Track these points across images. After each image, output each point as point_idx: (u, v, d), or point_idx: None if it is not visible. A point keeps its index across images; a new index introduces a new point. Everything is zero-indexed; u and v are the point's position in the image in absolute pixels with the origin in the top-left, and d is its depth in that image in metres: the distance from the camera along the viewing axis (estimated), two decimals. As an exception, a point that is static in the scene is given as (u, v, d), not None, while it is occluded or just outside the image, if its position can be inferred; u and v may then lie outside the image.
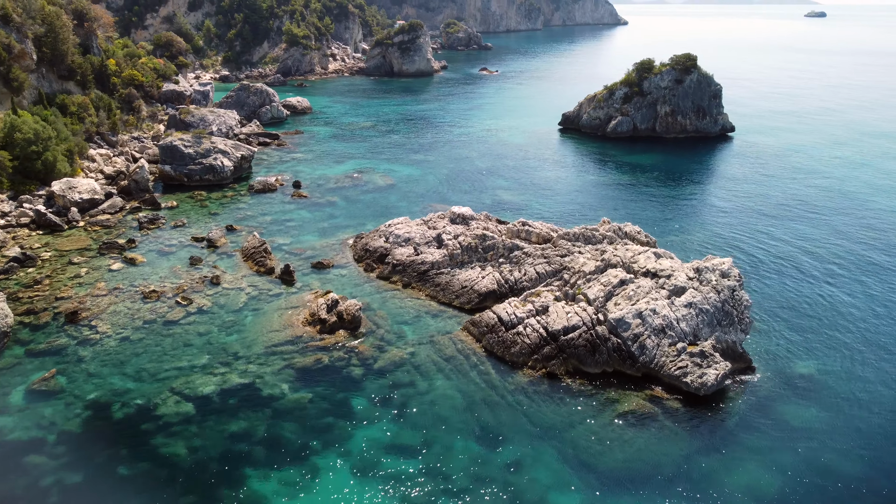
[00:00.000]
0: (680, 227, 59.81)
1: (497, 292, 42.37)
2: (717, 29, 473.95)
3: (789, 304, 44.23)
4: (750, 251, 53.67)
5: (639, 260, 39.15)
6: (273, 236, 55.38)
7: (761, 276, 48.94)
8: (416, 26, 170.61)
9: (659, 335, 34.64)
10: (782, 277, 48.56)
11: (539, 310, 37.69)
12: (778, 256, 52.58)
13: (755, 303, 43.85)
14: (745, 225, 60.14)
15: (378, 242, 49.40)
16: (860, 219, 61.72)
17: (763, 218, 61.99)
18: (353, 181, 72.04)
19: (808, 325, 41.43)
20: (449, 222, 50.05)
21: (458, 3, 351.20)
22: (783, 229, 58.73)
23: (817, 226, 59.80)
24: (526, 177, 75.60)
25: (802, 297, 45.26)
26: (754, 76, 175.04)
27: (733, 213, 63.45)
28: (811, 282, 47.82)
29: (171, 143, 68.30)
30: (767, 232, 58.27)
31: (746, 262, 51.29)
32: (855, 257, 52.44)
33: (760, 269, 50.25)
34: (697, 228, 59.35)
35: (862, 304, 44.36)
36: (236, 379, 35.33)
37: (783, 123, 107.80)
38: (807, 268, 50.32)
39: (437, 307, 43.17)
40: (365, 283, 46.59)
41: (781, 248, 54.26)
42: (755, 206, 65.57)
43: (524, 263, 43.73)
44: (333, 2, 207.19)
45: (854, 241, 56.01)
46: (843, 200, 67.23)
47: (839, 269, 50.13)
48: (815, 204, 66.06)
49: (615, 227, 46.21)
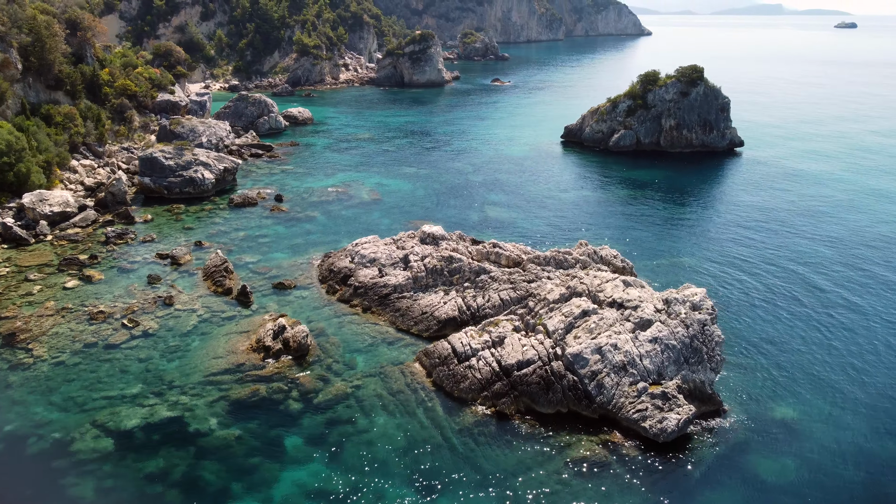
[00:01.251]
0: (671, 249, 56.60)
1: (458, 319, 39.70)
2: (743, 40, 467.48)
3: (778, 339, 40.90)
4: (742, 278, 50.32)
5: (605, 288, 36.21)
6: (242, 253, 53.34)
7: (752, 305, 45.64)
8: (428, 36, 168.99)
9: (619, 373, 31.67)
10: (775, 308, 45.16)
11: (495, 341, 34.94)
12: (772, 285, 49.14)
13: (739, 335, 40.74)
14: (741, 248, 56.73)
15: (343, 262, 47.02)
16: (868, 248, 57.56)
17: (761, 241, 58.48)
18: (338, 195, 69.89)
19: (794, 363, 38.08)
20: (419, 242, 47.50)
21: (479, 13, 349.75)
22: (782, 255, 55.15)
23: (820, 252, 55.87)
24: (519, 192, 72.83)
25: (795, 332, 41.86)
26: (773, 88, 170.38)
27: (730, 236, 60.03)
28: (806, 314, 44.37)
29: (151, 155, 66.79)
30: (764, 257, 54.80)
31: (737, 289, 48.02)
32: (859, 291, 48.58)
33: (752, 297, 46.90)
34: (689, 252, 56.07)
35: (860, 343, 40.79)
36: (164, 412, 33.03)
37: (798, 138, 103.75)
38: (804, 299, 46.81)
39: (395, 334, 40.59)
40: (324, 307, 44.18)
41: (778, 276, 50.78)
42: (754, 228, 62.08)
43: (489, 289, 41.01)
44: (348, 12, 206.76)
45: (859, 272, 51.92)
46: (851, 225, 63.11)
47: (841, 302, 46.48)
48: (820, 228, 62.11)
49: (590, 250, 43.31)
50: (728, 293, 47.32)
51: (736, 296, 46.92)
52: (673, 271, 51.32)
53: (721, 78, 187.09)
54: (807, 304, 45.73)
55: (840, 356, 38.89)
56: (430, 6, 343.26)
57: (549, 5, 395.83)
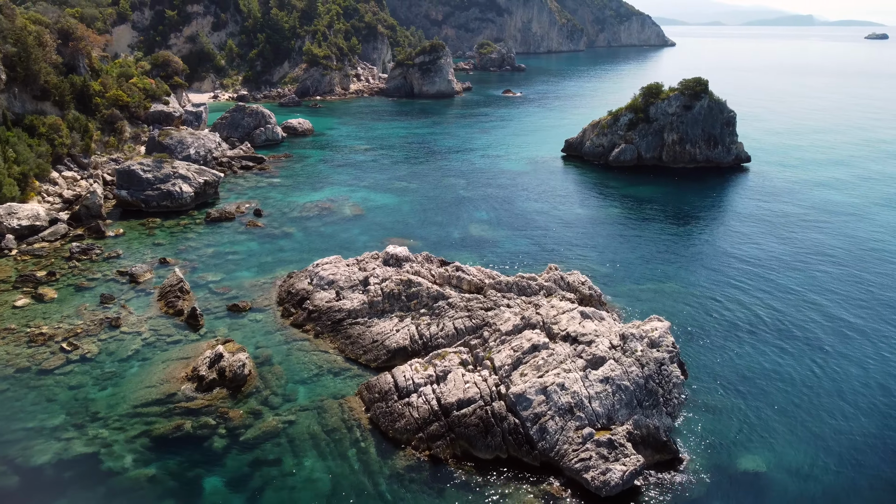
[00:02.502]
0: (659, 273, 53.52)
1: (409, 349, 37.21)
2: (769, 51, 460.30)
3: (760, 377, 37.72)
4: (730, 306, 47.11)
5: (561, 320, 33.48)
6: (206, 271, 51.43)
7: (737, 337, 42.47)
8: (438, 47, 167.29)
9: (565, 416, 28.91)
10: (762, 342, 41.94)
11: (439, 376, 32.39)
12: (763, 315, 45.83)
13: (716, 372, 37.72)
14: (735, 274, 53.45)
15: (302, 284, 44.83)
16: (880, 285, 53.50)
17: (759, 267, 55.04)
18: (321, 210, 67.87)
19: (773, 406, 34.90)
20: (381, 264, 45.13)
21: (499, 24, 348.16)
22: (780, 283, 51.62)
23: (818, 281, 51.94)
24: (508, 209, 70.20)
25: (781, 370, 38.61)
26: (790, 100, 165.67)
27: (725, 260, 56.74)
28: (798, 350, 41.03)
29: (128, 168, 65.43)
30: (760, 284, 51.47)
31: (722, 319, 44.87)
32: (861, 328, 44.96)
33: (738, 328, 43.70)
34: (678, 276, 52.94)
35: (853, 385, 37.37)
36: (80, 447, 30.96)
37: (811, 153, 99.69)
38: (797, 332, 43.42)
39: (343, 363, 38.20)
40: (276, 331, 41.97)
41: (771, 306, 47.41)
42: (752, 252, 58.66)
43: (445, 316, 38.48)
44: (362, 22, 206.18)
45: (865, 310, 47.77)
46: (856, 249, 59.19)
47: (838, 339, 43.02)
48: (822, 252, 58.19)
49: (557, 276, 40.58)
50: (711, 323, 44.22)
51: (720, 327, 43.79)
52: (656, 297, 48.31)
53: (736, 89, 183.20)
54: (799, 339, 42.42)
55: (827, 400, 35.60)
56: (449, 17, 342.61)
57: (571, 16, 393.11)
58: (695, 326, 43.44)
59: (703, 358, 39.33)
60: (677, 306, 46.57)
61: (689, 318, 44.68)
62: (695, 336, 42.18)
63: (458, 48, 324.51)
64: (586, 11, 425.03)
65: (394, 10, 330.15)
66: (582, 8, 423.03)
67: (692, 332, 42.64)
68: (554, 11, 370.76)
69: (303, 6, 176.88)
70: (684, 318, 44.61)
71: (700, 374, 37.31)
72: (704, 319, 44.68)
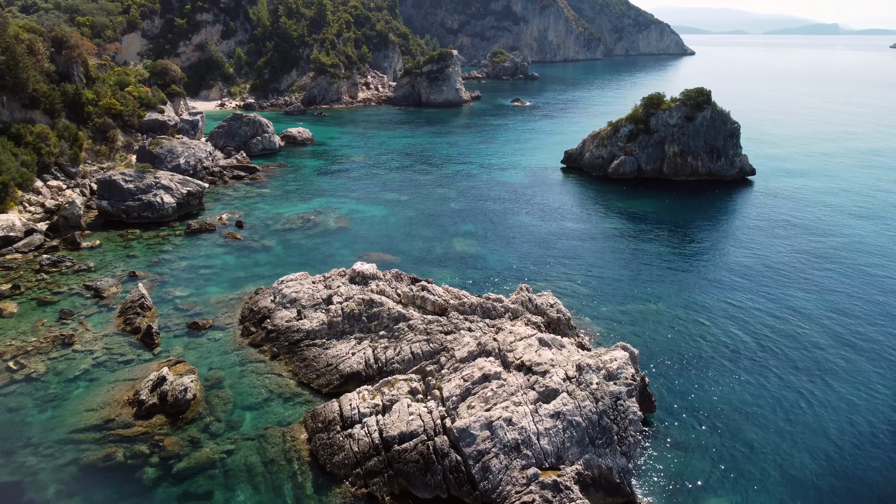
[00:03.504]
0: (647, 293, 51.17)
1: (362, 374, 35.34)
2: (790, 60, 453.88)
3: (739, 412, 35.31)
4: (716, 332, 44.69)
5: (517, 348, 31.42)
6: (175, 286, 49.99)
7: (720, 366, 40.07)
8: (446, 55, 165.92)
9: (510, 454, 26.83)
10: (747, 372, 39.51)
11: (385, 405, 30.46)
12: (753, 342, 43.39)
13: (690, 404, 35.44)
14: (729, 296, 50.94)
15: (265, 301, 43.18)
16: (877, 306, 50.65)
17: (751, 290, 52.43)
18: (305, 222, 66.35)
19: (750, 445, 32.49)
20: (347, 281, 43.34)
21: (515, 32, 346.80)
22: (771, 309, 48.96)
23: (818, 311, 48.72)
24: (498, 222, 68.16)
25: (763, 403, 36.19)
26: (804, 110, 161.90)
27: (720, 280, 54.24)
28: (788, 382, 38.59)
29: (109, 178, 64.45)
30: (754, 307, 48.94)
31: (705, 345, 42.48)
32: (866, 358, 42.33)
33: (721, 356, 41.28)
34: (666, 297, 50.54)
35: (855, 424, 34.76)
36: (5, 475, 29.44)
37: (821, 165, 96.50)
38: (782, 364, 40.88)
39: (295, 388, 36.39)
40: (233, 352, 40.29)
41: (763, 332, 44.91)
42: (749, 272, 56.07)
43: (403, 339, 36.55)
44: (374, 31, 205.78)
45: (870, 340, 45.01)
46: (862, 277, 55.83)
47: (839, 370, 40.49)
48: (825, 278, 55.25)
49: (525, 297, 38.50)
50: (692, 350, 41.84)
51: (702, 354, 41.38)
52: (637, 320, 45.99)
53: (751, 99, 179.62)
54: (788, 370, 39.91)
55: (810, 439, 33.08)
56: (465, 25, 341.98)
57: (588, 25, 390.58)
58: (673, 353, 41.10)
59: (678, 388, 37.01)
60: (658, 330, 44.24)
61: (668, 344, 42.35)
62: (671, 364, 39.85)
63: (473, 56, 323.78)
64: (604, 20, 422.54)
65: (409, 18, 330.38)
66: (600, 17, 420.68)
67: (669, 360, 40.31)
68: (571, 20, 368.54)
69: (312, 15, 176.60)
70: (663, 344, 42.29)
71: (672, 407, 35.03)
72: (686, 345, 42.31)
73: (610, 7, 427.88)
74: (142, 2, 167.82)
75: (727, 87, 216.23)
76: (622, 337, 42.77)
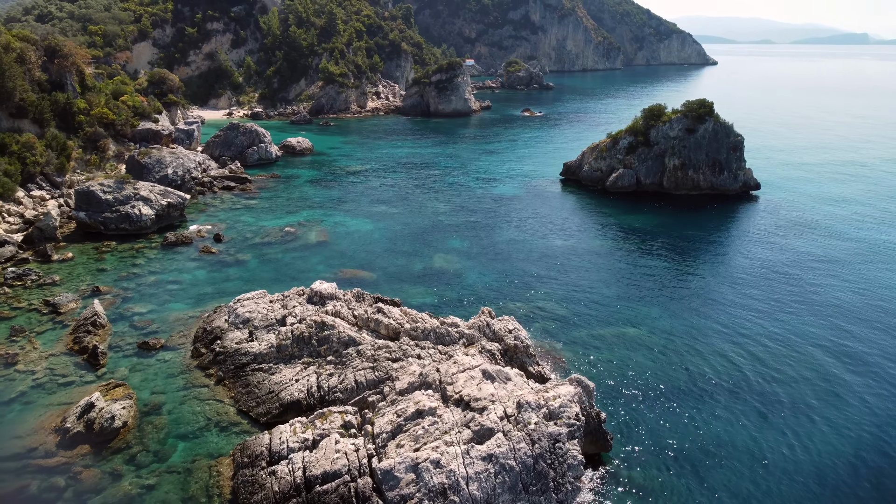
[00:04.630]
0: (629, 315, 48.62)
1: (303, 403, 33.32)
2: (815, 70, 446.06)
3: (705, 451, 32.74)
4: (697, 361, 42.05)
5: (458, 380, 29.18)
6: (137, 302, 48.47)
7: (696, 400, 37.52)
8: (455, 65, 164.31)
9: (435, 500, 24.58)
10: (716, 406, 36.91)
11: (315, 440, 28.39)
12: (730, 374, 40.71)
13: (659, 441, 32.85)
14: (716, 321, 48.19)
15: (219, 321, 41.43)
16: (870, 340, 47.65)
17: (742, 315, 49.51)
18: (286, 236, 64.70)
19: (714, 488, 29.88)
20: (305, 301, 41.43)
21: (532, 41, 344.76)
22: (762, 336, 46.03)
23: (816, 338, 45.87)
24: (486, 238, 65.93)
25: (735, 443, 33.56)
26: (818, 122, 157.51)
27: (711, 303, 51.47)
28: (758, 420, 35.92)
29: (87, 189, 63.38)
30: (738, 335, 46.18)
31: (682, 374, 39.82)
32: (844, 394, 39.57)
33: (698, 388, 38.69)
34: (648, 320, 47.95)
35: (819, 467, 32.14)
36: None
37: (831, 180, 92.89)
38: (764, 398, 38.19)
39: (234, 416, 34.46)
40: (179, 375, 38.50)
41: (741, 363, 42.20)
42: (742, 294, 53.21)
43: (349, 366, 34.48)
44: (386, 40, 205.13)
45: (872, 376, 42.28)
46: (868, 304, 52.47)
47: (809, 411, 37.78)
48: (827, 304, 51.87)
49: (483, 322, 36.26)
50: (668, 380, 39.24)
51: (678, 384, 38.78)
52: (612, 346, 43.47)
53: (761, 110, 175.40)
54: (771, 404, 37.19)
55: (793, 488, 30.33)
56: (482, 35, 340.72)
57: (608, 34, 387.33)
58: (645, 383, 38.53)
59: (644, 424, 34.47)
60: (633, 357, 41.69)
61: (641, 373, 39.78)
62: (641, 396, 37.30)
63: (490, 66, 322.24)
64: (625, 30, 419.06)
65: (427, 28, 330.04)
66: (620, 26, 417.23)
67: (639, 391, 37.76)
68: (590, 29, 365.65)
69: (322, 24, 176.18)
70: (636, 373, 39.73)
71: (633, 445, 32.51)
72: (662, 375, 39.69)
73: (631, 16, 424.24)
74: (153, 11, 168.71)
75: (742, 97, 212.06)
76: (591, 365, 40.39)
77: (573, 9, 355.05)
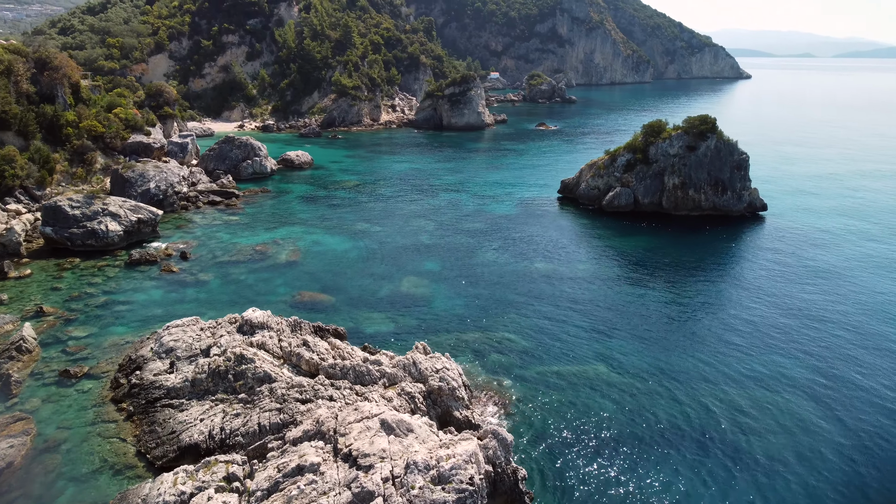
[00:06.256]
0: (600, 351, 45.03)
1: (202, 447, 30.50)
2: (853, 85, 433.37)
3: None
4: (658, 406, 38.32)
5: (352, 431, 26.05)
6: (81, 324, 46.44)
7: (645, 456, 33.81)
8: (469, 78, 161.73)
9: (297, 577, 21.44)
10: (676, 463, 33.16)
11: (191, 494, 25.49)
12: (697, 425, 36.87)
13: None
14: (689, 361, 44.29)
15: (145, 349, 38.94)
16: (868, 389, 43.41)
17: (722, 351, 45.57)
18: (255, 254, 62.40)
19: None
20: (235, 330, 38.74)
21: (559, 54, 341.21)
22: (739, 377, 42.05)
23: (800, 382, 42.21)
24: (465, 259, 62.74)
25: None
26: (848, 142, 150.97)
27: (689, 338, 47.51)
28: (726, 478, 32.12)
29: (55, 203, 61.94)
30: (712, 375, 42.26)
31: (633, 426, 36.07)
32: (822, 451, 35.53)
33: (643, 444, 34.96)
34: (614, 356, 44.24)
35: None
36: None
37: (844, 207, 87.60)
38: (732, 453, 34.37)
39: (132, 458, 31.79)
40: (92, 408, 36.06)
41: (710, 411, 38.30)
42: (730, 329, 49.08)
43: (258, 406, 31.59)
44: (405, 53, 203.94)
45: (838, 423, 38.37)
46: (870, 352, 47.88)
47: (784, 468, 33.81)
48: (822, 341, 47.56)
49: (409, 361, 33.10)
50: (624, 428, 35.58)
51: (640, 434, 35.06)
52: (568, 385, 39.89)
53: (787, 126, 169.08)
54: (745, 459, 33.27)
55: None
56: (509, 48, 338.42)
57: (638, 47, 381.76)
58: (599, 432, 34.88)
59: (583, 481, 30.91)
60: (594, 400, 38.07)
61: (594, 419, 36.15)
62: (585, 447, 33.69)
63: (516, 79, 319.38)
64: (656, 42, 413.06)
65: (453, 40, 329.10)
66: (651, 39, 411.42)
67: (586, 441, 34.16)
68: (618, 42, 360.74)
69: (337, 36, 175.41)
70: (593, 419, 36.14)
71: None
72: (622, 422, 35.99)
73: (662, 29, 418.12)
74: (171, 24, 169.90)
75: (768, 113, 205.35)
76: (540, 408, 36.93)
77: (601, 22, 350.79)
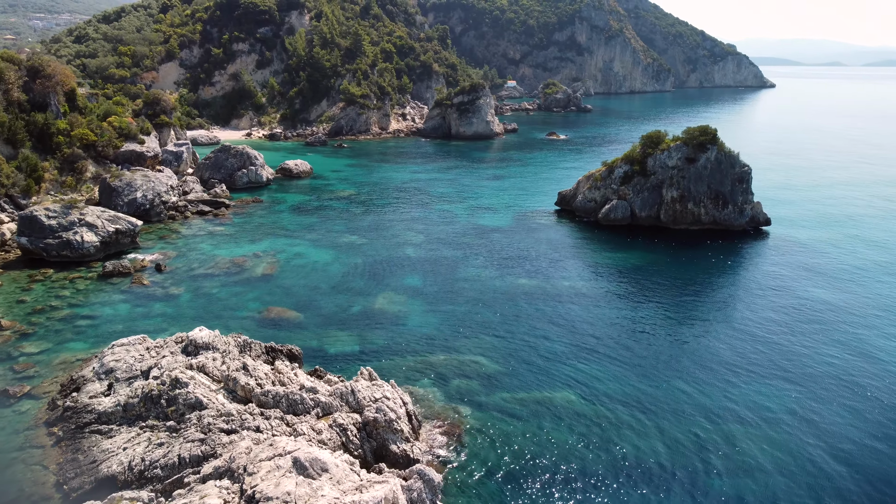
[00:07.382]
0: (572, 375, 42.56)
1: (119, 480, 28.62)
2: (881, 95, 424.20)
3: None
4: (628, 440, 35.76)
5: (261, 470, 23.96)
6: (35, 340, 45.14)
7: (604, 498, 31.27)
8: (478, 87, 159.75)
9: None
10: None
11: (87, 537, 23.60)
12: (677, 468, 34.25)
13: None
14: (671, 390, 41.59)
15: (87, 370, 37.32)
16: (868, 432, 40.48)
17: (711, 381, 42.80)
18: (232, 268, 60.85)
19: None
20: (180, 350, 36.96)
21: (578, 63, 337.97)
22: (726, 406, 39.35)
23: (795, 414, 39.41)
24: (448, 275, 60.58)
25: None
26: (865, 154, 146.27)
27: (673, 364, 44.77)
28: None
29: (31, 214, 60.99)
30: (696, 406, 39.58)
31: (597, 464, 33.58)
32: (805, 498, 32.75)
33: (602, 484, 32.44)
34: (589, 382, 41.72)
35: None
36: None
37: (855, 219, 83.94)
38: (702, 495, 31.73)
39: (49, 489, 29.99)
40: (24, 431, 34.44)
41: (693, 447, 35.68)
42: (721, 355, 46.25)
43: (182, 436, 29.66)
44: (418, 61, 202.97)
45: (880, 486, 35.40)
46: (870, 381, 45.09)
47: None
48: (823, 368, 44.77)
49: (347, 389, 31.00)
50: (594, 466, 33.10)
51: (603, 475, 32.56)
52: (532, 415, 37.51)
53: (802, 138, 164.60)
54: (717, 499, 30.68)
55: None
56: (527, 56, 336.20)
57: (658, 56, 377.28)
58: (556, 471, 32.42)
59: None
60: (556, 432, 35.63)
61: (559, 456, 33.71)
62: (545, 490, 31.21)
63: (533, 87, 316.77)
64: (677, 51, 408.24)
65: (471, 48, 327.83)
66: (672, 47, 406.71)
67: (545, 483, 31.70)
68: (638, 51, 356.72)
69: (348, 45, 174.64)
70: (552, 455, 33.70)
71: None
72: (586, 459, 33.51)
73: (683, 38, 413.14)
74: (182, 32, 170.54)
75: (784, 123, 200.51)
76: (495, 440, 34.59)
77: (621, 30, 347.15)
